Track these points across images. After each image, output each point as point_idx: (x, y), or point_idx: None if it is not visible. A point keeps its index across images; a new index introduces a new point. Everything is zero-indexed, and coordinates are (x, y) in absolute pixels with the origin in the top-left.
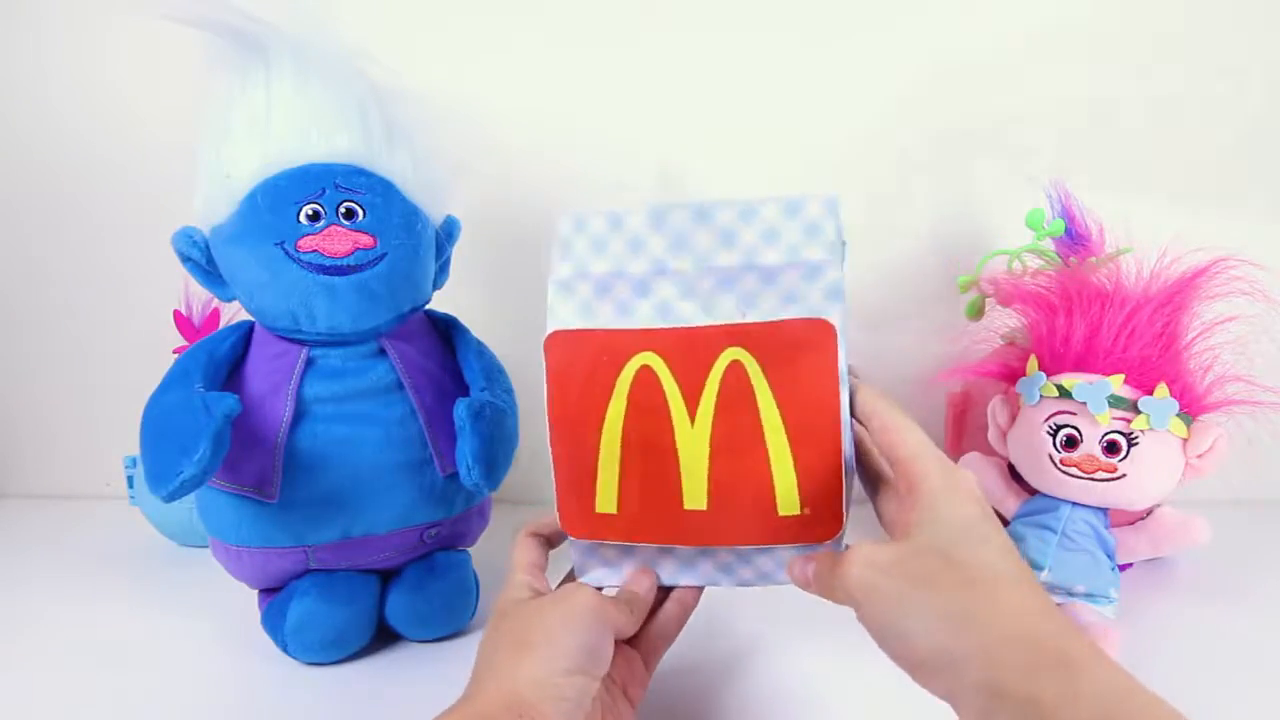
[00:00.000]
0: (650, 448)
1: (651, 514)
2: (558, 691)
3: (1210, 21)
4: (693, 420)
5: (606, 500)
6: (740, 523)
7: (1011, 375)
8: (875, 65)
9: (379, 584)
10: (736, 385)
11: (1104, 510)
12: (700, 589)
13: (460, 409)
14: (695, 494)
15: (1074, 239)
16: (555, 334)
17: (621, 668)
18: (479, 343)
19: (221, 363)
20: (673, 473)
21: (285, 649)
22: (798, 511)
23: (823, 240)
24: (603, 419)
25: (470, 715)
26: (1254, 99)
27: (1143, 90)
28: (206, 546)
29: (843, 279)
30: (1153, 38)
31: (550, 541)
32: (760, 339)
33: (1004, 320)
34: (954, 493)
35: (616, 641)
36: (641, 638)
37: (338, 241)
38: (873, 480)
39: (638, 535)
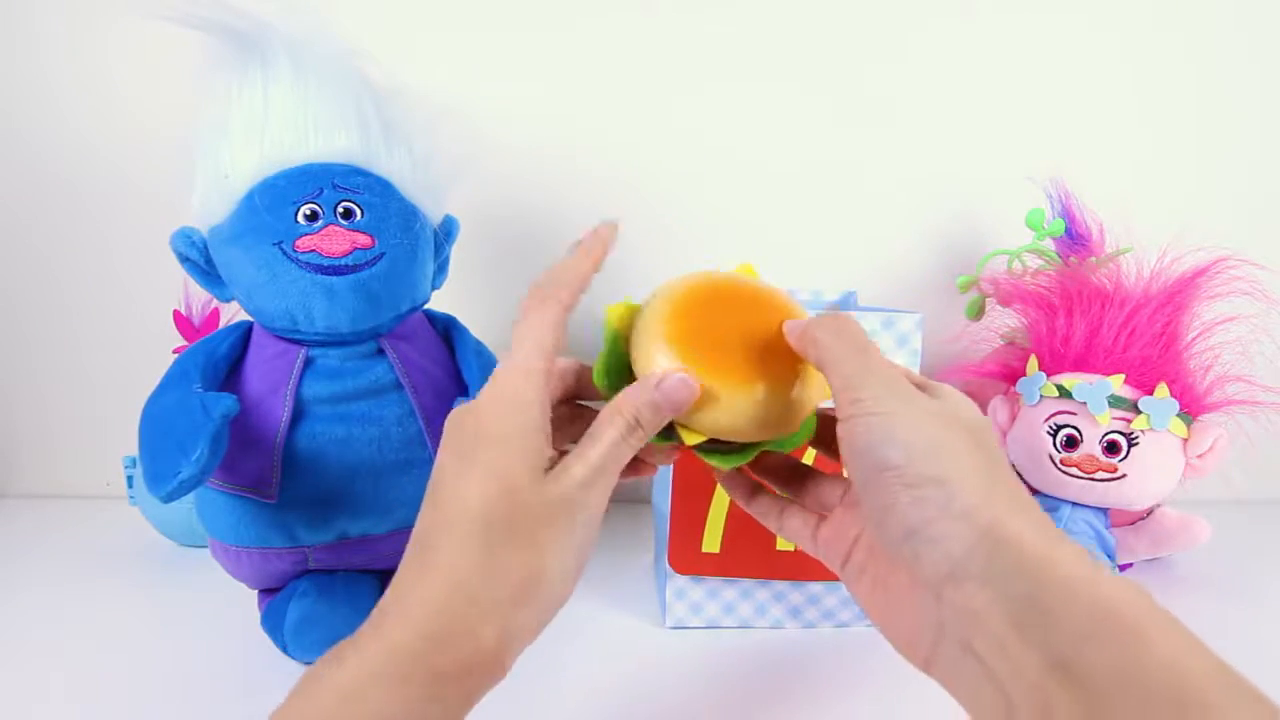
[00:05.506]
0: None
1: (750, 554)
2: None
3: (1210, 21)
4: None
5: (712, 541)
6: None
7: (1011, 375)
8: (873, 67)
9: (378, 584)
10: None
11: (1104, 510)
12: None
13: None
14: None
15: (1074, 239)
16: None
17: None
18: (478, 343)
19: (220, 363)
20: None
21: (285, 649)
22: None
23: (910, 349)
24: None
25: (379, 653)
26: (1254, 97)
27: (1143, 89)
28: (206, 546)
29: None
30: (1153, 37)
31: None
32: None
33: (1004, 320)
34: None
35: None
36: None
37: (336, 241)
38: None
39: (736, 571)
